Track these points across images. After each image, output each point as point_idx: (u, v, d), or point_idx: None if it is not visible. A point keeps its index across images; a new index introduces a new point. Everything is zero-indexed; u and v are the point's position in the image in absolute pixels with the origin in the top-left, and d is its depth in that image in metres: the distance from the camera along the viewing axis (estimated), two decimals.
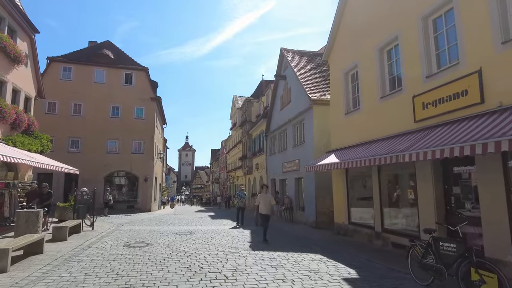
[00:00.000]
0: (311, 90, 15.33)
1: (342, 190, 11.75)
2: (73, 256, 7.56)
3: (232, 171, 39.90)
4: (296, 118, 16.98)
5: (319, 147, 14.50)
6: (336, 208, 12.36)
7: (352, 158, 9.24)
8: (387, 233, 9.24)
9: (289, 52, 19.09)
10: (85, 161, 24.97)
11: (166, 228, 13.83)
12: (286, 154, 18.75)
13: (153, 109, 27.72)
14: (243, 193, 16.97)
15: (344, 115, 11.76)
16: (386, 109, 9.36)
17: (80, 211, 12.34)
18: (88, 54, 27.44)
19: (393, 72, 9.54)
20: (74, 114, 25.75)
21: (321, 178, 14.39)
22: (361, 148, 9.90)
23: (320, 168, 11.07)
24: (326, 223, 14.13)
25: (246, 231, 13.03)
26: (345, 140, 11.38)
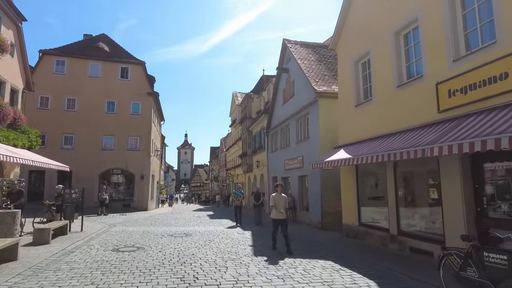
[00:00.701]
0: (317, 82, 14.40)
1: (352, 189, 10.83)
2: (51, 264, 6.64)
3: (232, 169, 38.99)
4: (300, 112, 16.04)
5: (325, 142, 13.57)
6: (344, 208, 11.45)
7: (366, 153, 8.31)
8: (404, 236, 8.33)
9: (292, 43, 18.14)
10: (79, 158, 24.10)
11: (161, 229, 12.91)
12: (289, 151, 17.83)
13: (150, 105, 26.76)
14: (240, 192, 16.11)
15: (354, 107, 10.83)
16: (403, 99, 8.43)
17: (68, 211, 11.41)
18: (83, 47, 26.47)
19: (411, 58, 8.60)
20: (68, 109, 24.82)
21: (327, 175, 13.48)
22: (374, 142, 8.98)
23: (327, 165, 10.16)
24: (332, 223, 13.22)
25: (247, 233, 12.12)
26: (356, 134, 10.46)
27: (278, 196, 8.66)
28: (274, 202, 8.58)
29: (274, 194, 8.75)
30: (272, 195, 8.74)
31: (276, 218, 8.55)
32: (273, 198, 8.67)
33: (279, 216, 8.50)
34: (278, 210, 8.49)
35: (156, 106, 30.20)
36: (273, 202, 8.61)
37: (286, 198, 8.83)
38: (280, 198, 8.65)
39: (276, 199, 8.61)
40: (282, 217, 8.48)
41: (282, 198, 8.69)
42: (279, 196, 8.66)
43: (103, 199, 20.39)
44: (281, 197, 8.67)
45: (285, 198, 8.77)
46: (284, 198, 8.73)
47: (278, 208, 8.50)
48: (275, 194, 8.72)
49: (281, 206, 8.53)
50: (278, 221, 8.51)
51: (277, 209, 8.50)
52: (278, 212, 8.49)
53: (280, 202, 8.60)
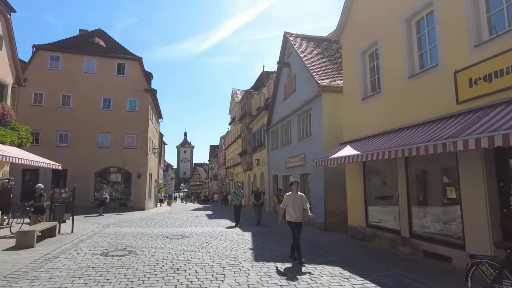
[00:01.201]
0: (320, 76, 13.74)
1: (358, 188, 10.19)
2: (30, 271, 6.00)
3: (231, 167, 38.35)
4: (302, 108, 15.39)
5: (328, 139, 12.93)
6: (350, 208, 10.81)
7: (375, 149, 7.67)
8: (416, 239, 7.69)
9: (293, 36, 17.46)
10: (74, 156, 23.47)
11: (157, 231, 12.27)
12: (290, 148, 17.19)
13: (147, 101, 26.08)
14: (239, 191, 15.55)
15: (361, 100, 10.18)
16: (416, 90, 7.78)
17: (57, 211, 10.76)
18: (78, 42, 25.72)
19: (424, 47, 7.94)
20: (63, 106, 24.10)
21: (331, 173, 12.85)
22: (384, 137, 8.33)
23: (332, 162, 9.50)
24: (336, 224, 12.59)
25: (247, 234, 11.49)
26: (363, 129, 9.81)
27: (294, 196, 7.38)
28: (290, 202, 7.30)
29: (289, 193, 7.48)
30: (287, 195, 7.49)
31: (293, 221, 7.26)
32: (287, 198, 7.39)
33: (293, 218, 7.25)
34: (293, 211, 7.23)
35: (154, 103, 29.50)
36: (286, 202, 7.38)
37: (303, 198, 7.47)
38: (296, 198, 7.35)
39: (291, 199, 7.33)
40: (296, 220, 7.26)
41: (299, 197, 7.39)
42: (295, 196, 7.38)
43: (104, 199, 19.67)
44: (297, 197, 7.37)
45: (302, 197, 7.44)
46: (301, 197, 7.42)
47: (293, 210, 7.23)
48: (290, 193, 7.46)
49: (297, 207, 7.27)
50: (293, 224, 7.27)
51: (294, 210, 7.23)
52: (295, 214, 7.23)
53: (297, 202, 7.31)
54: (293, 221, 7.25)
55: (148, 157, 25.68)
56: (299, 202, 7.34)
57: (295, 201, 7.31)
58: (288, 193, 7.54)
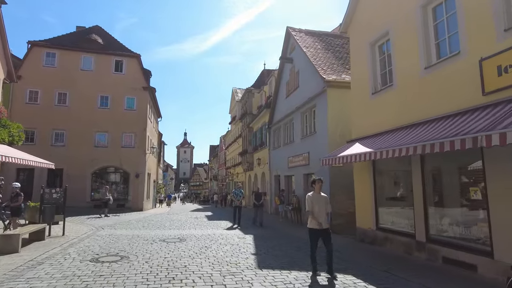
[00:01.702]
0: (325, 71, 13.11)
1: (368, 188, 9.55)
2: (7, 281, 5.36)
3: (232, 167, 37.72)
4: (306, 105, 14.76)
5: (334, 137, 12.31)
6: (358, 209, 10.17)
7: (388, 146, 7.04)
8: (434, 243, 7.05)
9: (296, 31, 16.84)
10: (71, 155, 22.86)
11: (153, 233, 11.64)
12: (293, 147, 16.56)
13: (146, 100, 25.46)
14: (240, 191, 15.10)
15: (370, 95, 9.55)
16: (433, 82, 7.15)
17: (47, 213, 10.11)
18: (75, 39, 25.11)
19: (442, 34, 7.31)
20: (59, 104, 23.50)
21: (337, 173, 12.22)
22: (397, 134, 7.71)
23: (340, 161, 8.86)
24: (343, 226, 11.96)
25: (248, 237, 10.85)
26: (373, 126, 9.18)
27: (317, 197, 6.12)
28: (312, 205, 6.03)
29: (311, 193, 6.22)
30: (309, 195, 6.20)
31: (316, 228, 5.96)
32: (310, 199, 6.11)
33: (320, 225, 5.93)
34: (319, 216, 5.96)
35: (153, 101, 28.91)
36: (311, 205, 6.04)
37: (327, 200, 6.26)
38: (320, 199, 6.12)
39: (315, 201, 6.05)
40: (324, 227, 5.97)
41: (323, 199, 6.16)
42: (318, 197, 6.12)
43: (107, 200, 19.01)
44: (321, 198, 6.15)
45: (326, 199, 6.23)
46: (325, 199, 6.21)
47: (319, 214, 5.98)
48: (312, 193, 6.20)
49: (322, 211, 6.02)
50: (318, 232, 5.99)
51: (317, 215, 5.98)
52: (319, 219, 5.95)
53: (320, 204, 6.04)
54: (318, 228, 5.92)
55: (146, 157, 25.05)
56: (323, 204, 6.11)
57: (319, 203, 6.07)
58: (310, 194, 6.24)
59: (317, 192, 6.22)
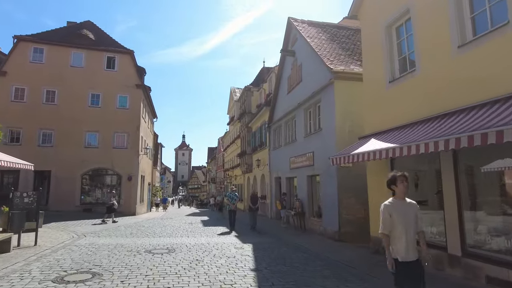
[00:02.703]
0: (331, 61, 11.89)
1: (385, 191, 8.25)
2: None
3: (230, 169, 36.43)
4: (309, 100, 13.53)
5: (342, 134, 11.08)
6: (373, 216, 8.91)
7: (412, 141, 5.83)
8: (473, 259, 5.80)
9: (298, 22, 15.65)
10: (59, 156, 21.62)
11: (140, 242, 10.34)
12: (295, 147, 15.31)
13: (139, 98, 24.20)
14: (234, 194, 14.70)
15: (387, 84, 8.32)
16: (469, 62, 5.92)
17: (15, 220, 8.80)
18: (65, 34, 23.88)
19: (480, 5, 6.07)
20: (47, 102, 22.22)
21: (345, 175, 10.98)
22: (422, 126, 6.50)
23: (352, 160, 7.62)
24: (352, 235, 10.69)
25: (246, 247, 9.57)
26: (390, 119, 7.95)
27: (402, 207, 3.62)
28: (392, 221, 3.55)
29: (391, 200, 3.69)
30: (386, 205, 3.65)
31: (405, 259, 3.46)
32: (389, 210, 3.61)
33: (409, 253, 3.47)
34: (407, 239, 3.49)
35: (147, 101, 27.66)
36: (389, 222, 3.56)
37: (417, 208, 3.70)
38: (406, 209, 3.62)
39: (398, 213, 3.56)
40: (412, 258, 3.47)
41: (411, 208, 3.65)
42: (402, 206, 3.62)
43: (111, 205, 17.71)
44: (408, 207, 3.64)
45: (415, 208, 3.68)
46: (414, 208, 3.67)
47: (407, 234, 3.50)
48: (392, 200, 3.69)
49: (410, 230, 3.53)
50: (409, 266, 3.46)
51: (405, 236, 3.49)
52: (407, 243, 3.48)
53: (408, 219, 3.55)
54: (404, 260, 3.45)
55: (139, 158, 23.75)
56: (412, 218, 3.59)
57: (405, 217, 3.55)
58: (389, 201, 3.69)
59: (401, 198, 3.67)
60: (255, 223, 14.06)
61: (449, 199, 6.33)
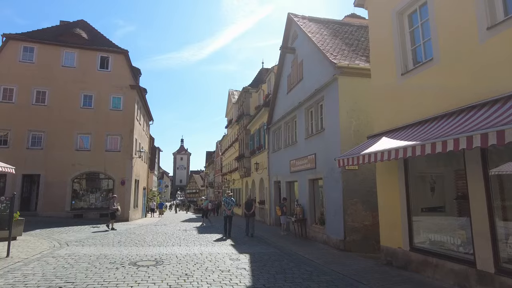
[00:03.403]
0: (334, 56, 11.08)
1: (397, 195, 7.40)
2: None
3: (228, 173, 35.50)
4: (311, 98, 12.69)
5: (347, 133, 10.23)
6: (384, 222, 8.01)
7: (435, 137, 4.99)
8: (510, 277, 4.91)
9: (299, 17, 14.88)
10: (49, 159, 20.77)
11: (127, 252, 9.41)
12: (296, 149, 14.44)
13: (133, 99, 23.34)
14: (230, 199, 14.21)
15: (398, 77, 7.48)
16: (501, 47, 5.09)
17: None
18: (57, 33, 23.09)
19: None
20: (37, 103, 21.37)
21: (351, 178, 10.11)
22: (442, 122, 5.69)
23: (365, 160, 6.75)
24: (359, 243, 9.81)
25: (243, 258, 8.65)
26: (404, 115, 7.11)
27: None
28: None
29: None
30: None
31: None
32: None
33: None
34: None
35: (142, 102, 26.81)
36: None
37: None
38: None
39: None
40: None
41: None
42: None
43: (114, 210, 16.77)
44: None
45: None
46: None
47: None
48: None
49: None
50: None
51: None
52: None
53: None
54: None
55: (133, 161, 22.82)
56: None
57: None
58: None
59: None
60: (253, 230, 13.55)
61: (478, 205, 5.46)
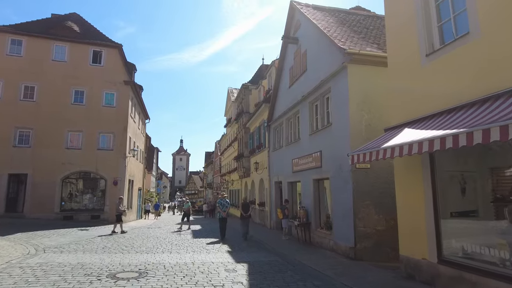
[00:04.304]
0: (343, 43, 9.99)
1: (421, 196, 6.29)
2: None
3: (226, 174, 34.39)
4: (316, 91, 11.60)
5: (358, 128, 9.14)
6: (403, 229, 6.90)
7: (476, 125, 3.93)
8: None
9: (302, 5, 13.80)
10: (38, 158, 19.67)
11: (109, 260, 8.29)
12: (299, 146, 13.34)
13: (127, 95, 22.22)
14: (225, 201, 13.85)
15: (423, 59, 6.38)
16: None
17: None
18: (47, 25, 21.98)
19: None
20: (25, 99, 20.25)
21: (362, 177, 9.01)
22: (480, 108, 4.59)
23: (386, 155, 5.65)
24: (370, 251, 8.71)
25: (240, 268, 7.55)
26: (429, 102, 6.02)
27: None
28: None
29: None
30: None
31: None
32: None
33: None
34: None
35: (137, 99, 25.72)
36: None
37: None
38: None
39: None
40: None
41: None
42: None
43: (121, 212, 15.74)
44: None
45: None
46: None
47: None
48: None
49: None
50: None
51: None
52: None
53: None
54: None
55: (127, 161, 21.69)
56: None
57: None
58: None
59: None
60: (248, 231, 13.14)
61: None
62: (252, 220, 22.10)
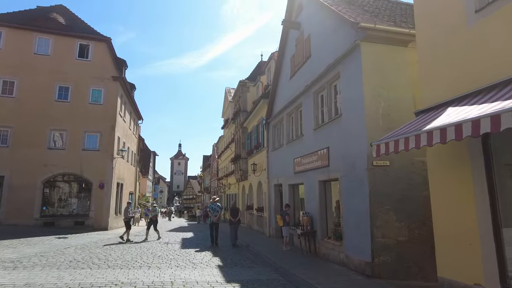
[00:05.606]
0: (355, 18, 8.47)
1: (470, 198, 4.71)
2: None
3: (223, 177, 32.74)
4: (322, 78, 10.06)
5: (374, 117, 7.59)
6: (443, 241, 5.29)
7: None
8: None
9: None
10: (16, 159, 18.09)
11: (67, 280, 6.65)
12: (302, 144, 11.77)
13: (115, 92, 20.69)
14: (216, 205, 13.39)
15: (469, 17, 4.84)
16: None
17: None
18: (30, 17, 20.53)
19: None
20: (3, 94, 18.79)
21: (380, 177, 7.41)
22: None
23: (433, 140, 4.07)
24: (390, 267, 7.10)
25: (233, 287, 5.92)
26: (479, 72, 4.47)
27: None
28: None
29: None
30: None
31: None
32: None
33: None
34: None
35: (128, 98, 24.21)
36: None
37: None
38: None
39: None
40: None
41: None
42: None
43: (130, 218, 14.51)
44: None
45: None
46: None
47: None
48: None
49: None
50: None
51: None
52: None
53: None
54: None
55: (114, 162, 20.07)
56: None
57: None
58: None
59: None
60: (236, 237, 12.95)
61: None
62: (250, 227, 20.48)
